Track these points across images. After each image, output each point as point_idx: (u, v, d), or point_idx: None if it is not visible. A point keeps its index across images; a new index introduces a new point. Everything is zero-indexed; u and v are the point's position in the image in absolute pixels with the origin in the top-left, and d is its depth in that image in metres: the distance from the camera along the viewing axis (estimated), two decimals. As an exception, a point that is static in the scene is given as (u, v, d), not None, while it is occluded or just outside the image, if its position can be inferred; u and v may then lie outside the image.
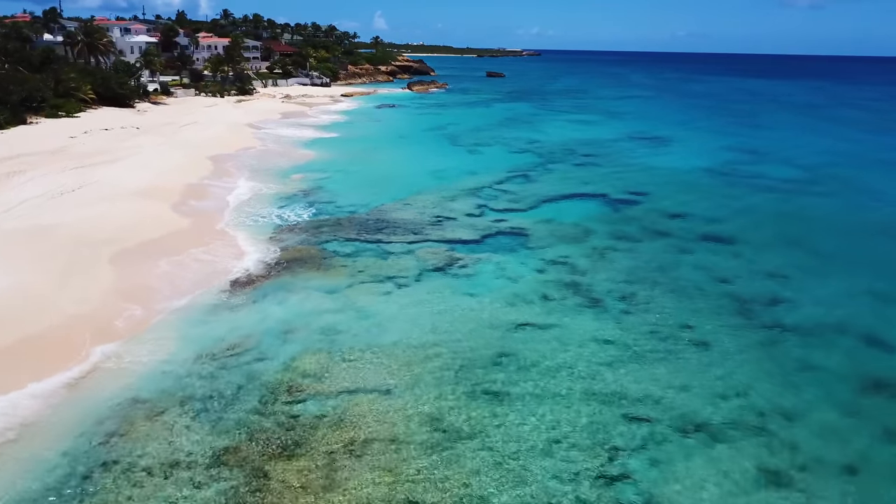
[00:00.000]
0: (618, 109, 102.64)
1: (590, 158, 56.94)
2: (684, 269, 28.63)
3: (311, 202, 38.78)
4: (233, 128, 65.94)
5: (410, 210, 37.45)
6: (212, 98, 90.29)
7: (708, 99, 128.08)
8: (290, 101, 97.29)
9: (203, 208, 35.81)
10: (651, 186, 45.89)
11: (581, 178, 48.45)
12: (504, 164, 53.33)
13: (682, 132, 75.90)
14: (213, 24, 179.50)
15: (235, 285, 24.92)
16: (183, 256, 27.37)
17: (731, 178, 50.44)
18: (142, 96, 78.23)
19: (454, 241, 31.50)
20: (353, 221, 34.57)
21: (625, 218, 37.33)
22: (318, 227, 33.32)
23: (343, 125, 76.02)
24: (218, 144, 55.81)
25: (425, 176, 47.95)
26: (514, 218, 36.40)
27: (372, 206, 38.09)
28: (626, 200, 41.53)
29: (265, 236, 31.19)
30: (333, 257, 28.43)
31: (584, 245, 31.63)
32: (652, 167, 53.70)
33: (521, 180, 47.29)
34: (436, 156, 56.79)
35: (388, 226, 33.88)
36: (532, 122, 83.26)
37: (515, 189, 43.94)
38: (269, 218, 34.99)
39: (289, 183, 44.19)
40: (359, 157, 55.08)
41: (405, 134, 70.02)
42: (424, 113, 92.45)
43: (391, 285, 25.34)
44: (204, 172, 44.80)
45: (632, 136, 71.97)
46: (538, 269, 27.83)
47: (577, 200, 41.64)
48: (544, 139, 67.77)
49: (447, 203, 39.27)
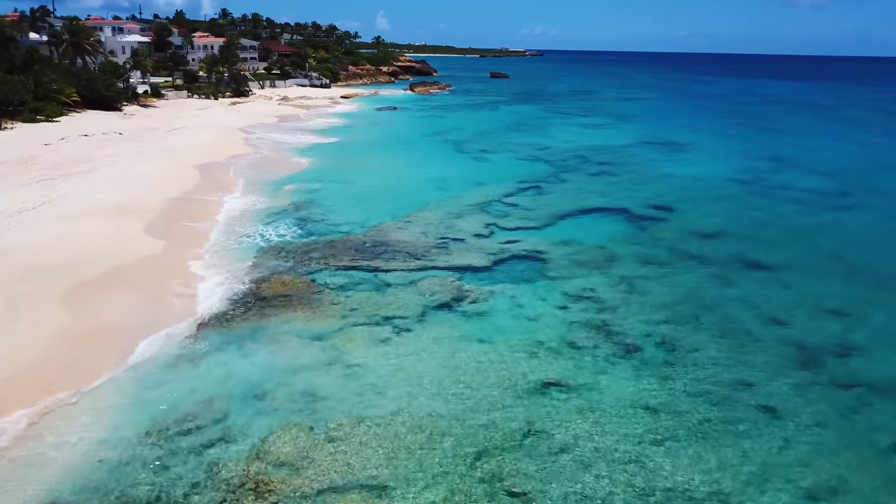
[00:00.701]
0: (627, 112, 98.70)
1: (604, 167, 53.02)
2: (729, 304, 24.72)
3: (302, 219, 34.93)
4: (224, 133, 62.11)
5: (412, 229, 33.58)
6: (205, 100, 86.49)
7: (716, 100, 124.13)
8: (287, 104, 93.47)
9: (181, 228, 31.95)
10: (673, 199, 42.01)
11: (597, 189, 44.54)
12: (513, 173, 49.44)
13: (696, 136, 72.00)
14: (212, 24, 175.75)
15: (205, 328, 21.05)
16: (148, 290, 23.51)
17: (757, 188, 46.58)
18: (130, 99, 74.46)
19: (462, 269, 27.62)
20: (347, 244, 30.69)
21: (651, 238, 33.43)
22: (307, 251, 29.44)
23: (342, 129, 72.17)
24: (206, 152, 51.98)
25: (429, 187, 44.08)
26: (527, 238, 32.51)
27: (369, 225, 34.23)
28: (648, 216, 37.63)
29: (247, 263, 27.31)
30: (323, 291, 24.54)
31: (610, 273, 27.73)
32: (671, 176, 49.80)
33: (533, 192, 43.40)
34: (440, 164, 52.91)
35: (386, 249, 30.00)
36: (540, 126, 79.35)
37: (527, 203, 40.05)
38: (254, 238, 31.12)
39: (280, 196, 40.34)
40: (357, 165, 51.21)
41: (407, 139, 66.17)
42: (427, 116, 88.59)
43: (389, 329, 21.45)
44: (188, 185, 40.95)
45: (645, 141, 68.06)
46: (560, 306, 23.94)
47: (596, 216, 37.74)
48: (554, 145, 63.85)
49: (453, 221, 35.40)
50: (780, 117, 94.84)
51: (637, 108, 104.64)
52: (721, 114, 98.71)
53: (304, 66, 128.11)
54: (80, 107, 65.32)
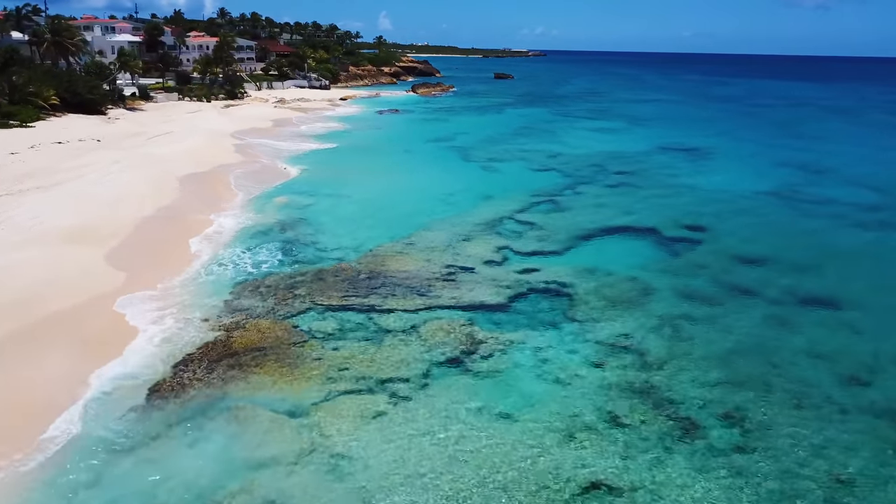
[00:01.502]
0: (640, 114, 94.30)
1: (624, 177, 48.70)
2: (796, 358, 20.41)
3: (289, 242, 30.70)
4: (213, 139, 57.91)
5: (414, 255, 29.33)
6: (196, 103, 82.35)
7: (732, 103, 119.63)
8: (283, 106, 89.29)
9: (149, 255, 27.74)
10: (705, 216, 37.73)
11: (619, 204, 40.23)
12: (524, 184, 45.18)
13: (717, 141, 67.60)
14: (209, 24, 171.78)
15: (154, 398, 16.83)
16: (91, 346, 19.29)
17: (795, 203, 42.24)
18: (116, 102, 70.37)
19: (472, 308, 23.36)
20: (339, 275, 26.44)
21: (688, 266, 29.12)
22: (292, 285, 25.19)
23: (340, 134, 67.94)
24: (191, 160, 47.80)
25: (432, 202, 39.85)
26: (547, 266, 28.23)
27: (365, 249, 30.00)
28: (680, 238, 33.33)
29: (217, 303, 23.07)
30: (305, 342, 20.28)
31: (648, 313, 23.45)
32: (698, 188, 45.48)
33: (548, 208, 39.13)
34: (444, 174, 48.65)
35: (384, 282, 25.75)
36: (550, 130, 75.02)
37: (542, 221, 35.78)
38: (232, 268, 26.91)
39: (268, 212, 36.16)
40: (354, 175, 46.99)
41: (409, 145, 61.91)
42: (430, 119, 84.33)
43: (385, 399, 17.19)
44: (165, 199, 36.79)
45: (664, 148, 63.70)
46: (594, 363, 19.65)
47: (622, 238, 33.45)
48: (567, 152, 59.55)
49: (460, 244, 31.14)
50: (803, 121, 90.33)
51: (650, 111, 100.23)
52: (739, 117, 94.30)
53: (303, 66, 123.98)
54: (60, 111, 61.21)
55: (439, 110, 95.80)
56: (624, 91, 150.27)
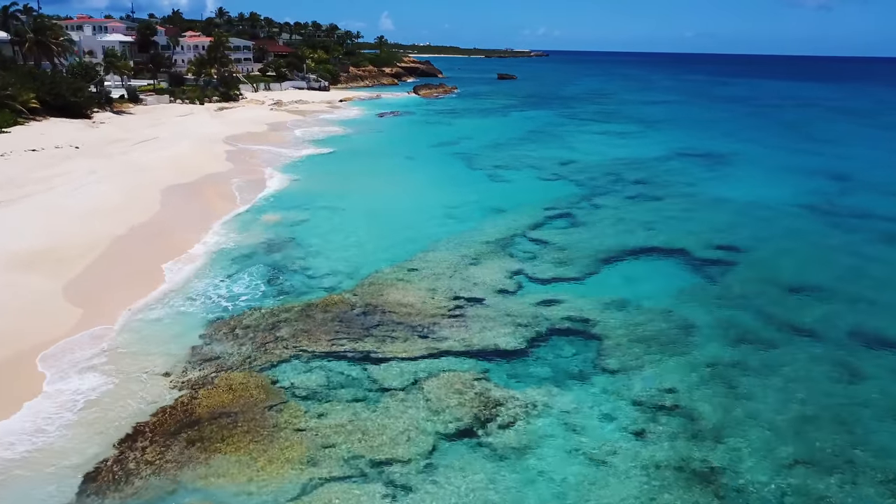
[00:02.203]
0: (651, 117, 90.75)
1: (642, 188, 45.14)
2: (880, 425, 16.89)
3: (276, 268, 27.21)
4: (202, 145, 54.47)
5: (417, 282, 25.83)
6: (189, 105, 78.89)
7: (742, 104, 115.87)
8: (280, 109, 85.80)
9: (114, 285, 24.29)
10: (737, 233, 34.21)
11: (641, 219, 36.68)
12: (536, 196, 41.65)
13: (736, 147, 63.93)
14: (208, 23, 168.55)
15: (88, 484, 13.35)
16: (22, 410, 15.83)
17: (832, 217, 38.75)
18: (103, 105, 66.91)
19: (485, 355, 19.87)
20: (329, 310, 22.92)
21: (728, 295, 25.58)
22: (274, 323, 21.69)
23: (338, 139, 64.43)
24: (176, 169, 44.36)
25: (436, 217, 36.38)
26: (567, 297, 24.72)
27: (361, 276, 26.51)
28: (714, 260, 29.78)
29: (182, 350, 19.57)
30: (284, 406, 16.78)
31: (691, 360, 19.93)
32: (724, 200, 41.90)
33: (564, 224, 35.62)
34: (449, 184, 45.13)
35: (382, 319, 22.25)
36: (559, 135, 71.44)
37: (558, 240, 32.26)
38: (205, 301, 23.43)
39: (255, 230, 32.67)
40: (352, 185, 43.51)
41: (411, 151, 58.38)
42: (433, 122, 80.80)
43: (380, 490, 13.68)
44: (143, 215, 33.36)
45: (681, 153, 60.15)
46: (634, 432, 16.14)
47: (649, 261, 29.91)
48: (579, 158, 56.00)
49: (468, 268, 27.63)
50: (819, 124, 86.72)
51: (661, 113, 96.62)
52: (754, 119, 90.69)
53: (302, 67, 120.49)
54: (40, 114, 57.79)
55: (442, 113, 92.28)
56: (630, 92, 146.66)
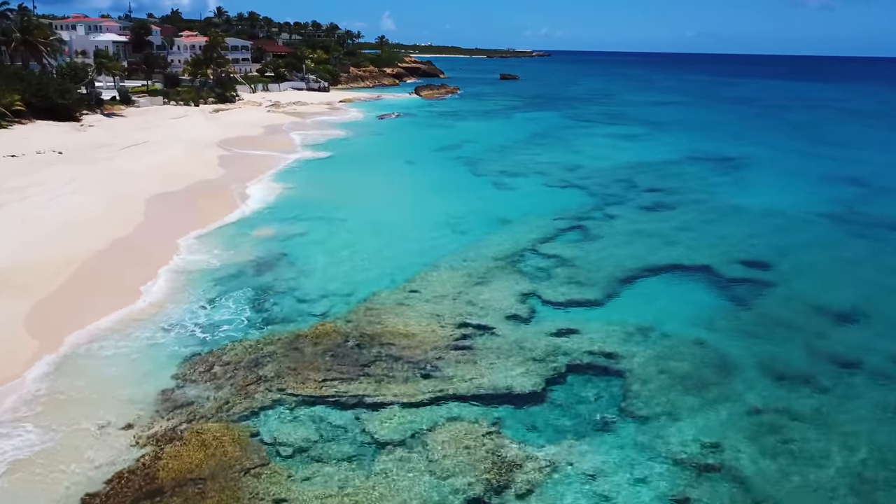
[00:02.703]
0: (658, 118, 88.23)
1: (657, 195, 42.65)
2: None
3: (264, 290, 24.74)
4: (194, 149, 52.00)
5: (418, 307, 23.36)
6: (183, 107, 76.43)
7: (750, 105, 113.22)
8: (277, 111, 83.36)
9: (81, 310, 21.85)
10: (765, 248, 31.76)
11: (659, 232, 34.18)
12: (545, 205, 39.18)
13: (749, 150, 61.41)
14: (206, 23, 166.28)
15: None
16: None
17: (857, 226, 36.50)
18: (93, 107, 64.47)
19: (497, 399, 17.40)
20: (320, 342, 20.44)
21: (764, 323, 23.10)
22: (257, 360, 19.21)
23: (337, 143, 61.94)
24: (164, 176, 41.95)
25: (439, 229, 33.92)
26: (586, 324, 22.24)
27: (357, 299, 24.06)
28: (744, 279, 27.30)
29: (149, 395, 17.10)
30: (264, 469, 14.29)
31: (733, 405, 17.46)
32: (745, 210, 39.43)
33: (576, 237, 33.14)
34: (453, 192, 42.63)
35: (379, 353, 19.76)
36: (565, 138, 68.92)
37: (572, 255, 29.77)
38: (181, 332, 20.97)
39: (244, 246, 30.17)
40: (349, 193, 41.07)
41: (412, 156, 55.87)
42: (435, 125, 78.30)
43: (375, 591, 11.23)
44: (122, 229, 30.90)
45: (694, 157, 57.69)
46: (675, 501, 13.66)
47: (672, 280, 27.42)
48: (587, 163, 53.51)
49: (475, 289, 25.16)
50: (829, 125, 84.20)
51: (668, 115, 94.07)
52: (762, 121, 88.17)
53: (301, 67, 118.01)
54: (26, 117, 55.39)
55: (444, 114, 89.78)
56: (634, 93, 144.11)
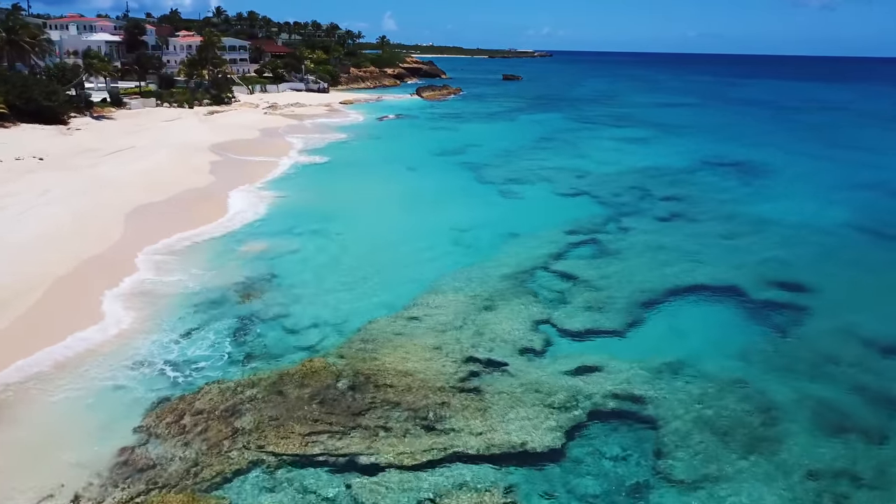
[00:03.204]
0: (667, 121, 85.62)
1: (674, 205, 40.10)
2: None
3: (248, 319, 22.21)
4: (184, 154, 49.50)
5: (419, 338, 20.84)
6: (177, 109, 73.95)
7: (761, 107, 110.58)
8: (274, 113, 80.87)
9: (26, 346, 19.34)
10: (798, 266, 29.27)
11: (680, 247, 31.62)
12: (556, 216, 36.66)
13: (766, 155, 58.80)
14: (205, 23, 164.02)
15: None
16: None
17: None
18: (82, 109, 62.02)
19: (510, 461, 14.88)
20: (308, 383, 17.91)
21: (806, 357, 20.57)
22: (234, 407, 16.68)
23: (335, 147, 59.44)
24: (149, 185, 39.49)
25: (442, 244, 31.38)
26: (608, 360, 19.70)
27: (351, 329, 21.54)
28: (778, 304, 24.78)
29: (103, 456, 14.56)
30: (231, 563, 11.82)
31: (785, 464, 14.98)
32: (770, 221, 36.83)
33: (590, 252, 30.60)
34: (456, 201, 40.12)
35: (374, 398, 17.23)
36: (572, 141, 66.33)
37: (588, 274, 27.23)
38: (150, 370, 18.46)
39: (229, 265, 27.63)
40: (346, 204, 38.57)
41: (413, 161, 53.32)
42: (437, 127, 75.76)
43: None
44: (97, 246, 28.44)
45: (707, 162, 55.16)
46: None
47: (699, 304, 24.87)
48: (597, 169, 50.96)
49: (482, 316, 22.66)
50: (846, 129, 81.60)
51: (676, 117, 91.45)
52: (776, 124, 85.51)
53: (300, 68, 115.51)
54: (10, 120, 52.94)
55: (446, 116, 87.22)
56: (640, 94, 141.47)
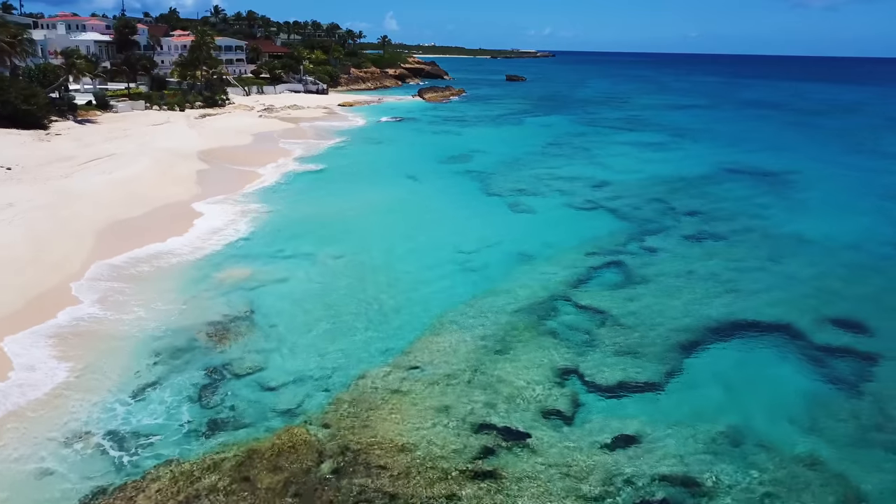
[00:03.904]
0: (681, 125, 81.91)
1: (700, 221, 36.40)
2: None
3: (217, 373, 18.59)
4: (168, 162, 45.94)
5: (419, 397, 17.22)
6: (167, 112, 70.34)
7: (777, 110, 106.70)
8: (270, 116, 77.21)
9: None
10: (854, 298, 25.74)
11: (713, 273, 27.94)
12: (572, 234, 33.03)
13: (797, 163, 54.84)
14: (203, 23, 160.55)
15: None
16: None
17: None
18: (64, 112, 58.48)
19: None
20: (282, 465, 14.29)
21: (890, 424, 16.90)
22: (186, 502, 13.10)
23: (332, 153, 55.84)
24: (125, 198, 35.99)
25: (446, 270, 27.71)
26: (650, 427, 16.11)
27: (338, 385, 17.93)
28: (842, 349, 21.18)
29: None
30: None
31: None
32: (810, 241, 33.19)
33: (615, 279, 26.95)
34: (461, 218, 36.42)
35: (363, 489, 13.61)
36: (584, 147, 62.61)
37: (615, 309, 23.60)
38: (84, 447, 14.87)
39: (201, 299, 23.99)
40: (342, 220, 34.93)
41: (414, 169, 49.64)
42: (440, 132, 72.06)
43: None
44: (51, 277, 24.94)
45: (732, 171, 51.47)
46: None
47: (748, 348, 21.19)
48: (613, 178, 47.29)
49: (494, 363, 19.05)
50: (875, 133, 77.61)
51: (690, 121, 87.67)
52: (798, 128, 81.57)
53: (298, 69, 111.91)
54: (-17, 126, 49.42)
55: (449, 120, 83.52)
56: (647, 95, 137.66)
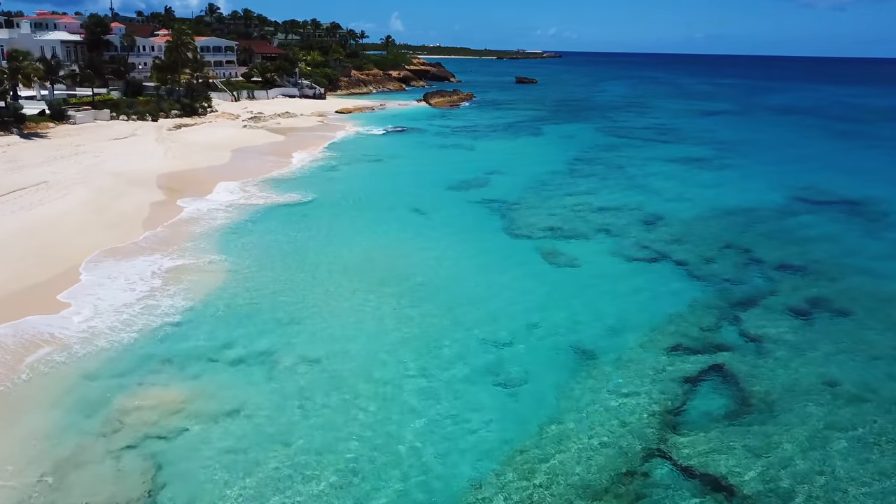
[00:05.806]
0: (719, 135, 72.55)
1: (799, 279, 27.25)
2: None
3: None
4: (111, 192, 37.05)
5: None
6: (135, 123, 61.34)
7: (816, 117, 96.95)
8: (255, 126, 68.18)
9: None
10: None
11: (856, 379, 18.77)
12: (640, 309, 23.88)
13: (875, 187, 45.83)
14: (198, 22, 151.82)
15: None
16: None
17: None
18: (8, 125, 49.66)
19: None
20: None
21: None
22: None
23: (321, 177, 46.69)
24: (33, 253, 27.10)
25: (470, 386, 18.58)
26: None
27: None
28: None
29: None
30: None
31: None
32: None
33: (722, 400, 17.85)
34: (483, 280, 27.10)
35: None
36: (618, 164, 53.34)
37: (734, 465, 14.46)
38: None
39: (126, 431, 15.16)
40: (317, 289, 25.74)
41: (418, 198, 40.41)
42: (449, 145, 62.86)
43: None
44: None
45: (803, 199, 42.42)
46: None
47: None
48: (665, 211, 38.09)
49: None
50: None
51: (727, 130, 78.19)
52: (851, 140, 72.09)
53: (294, 71, 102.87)
54: None
55: (459, 130, 74.28)
56: (669, 99, 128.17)
